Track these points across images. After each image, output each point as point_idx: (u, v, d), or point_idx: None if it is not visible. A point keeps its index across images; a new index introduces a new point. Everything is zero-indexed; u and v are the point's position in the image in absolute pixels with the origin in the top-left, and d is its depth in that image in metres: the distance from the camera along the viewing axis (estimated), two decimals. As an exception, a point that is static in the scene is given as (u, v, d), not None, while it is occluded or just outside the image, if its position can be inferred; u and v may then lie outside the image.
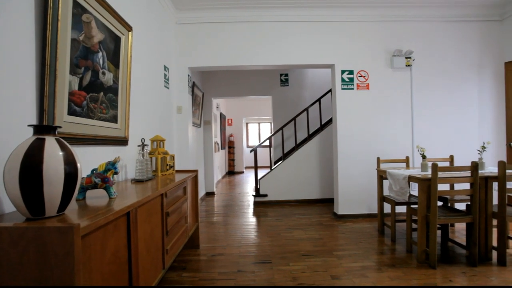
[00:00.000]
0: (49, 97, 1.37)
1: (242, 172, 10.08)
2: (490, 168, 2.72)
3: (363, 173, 3.79)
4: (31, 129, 1.02)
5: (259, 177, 5.01)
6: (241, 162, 10.25)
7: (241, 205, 4.78)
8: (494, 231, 2.46)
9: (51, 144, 0.97)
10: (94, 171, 1.40)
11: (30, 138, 0.97)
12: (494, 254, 2.42)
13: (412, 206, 2.68)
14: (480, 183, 2.35)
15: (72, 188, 1.00)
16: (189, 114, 3.93)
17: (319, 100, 5.15)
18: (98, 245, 1.04)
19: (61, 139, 1.03)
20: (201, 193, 5.30)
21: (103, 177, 1.36)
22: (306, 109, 5.07)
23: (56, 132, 1.04)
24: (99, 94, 1.83)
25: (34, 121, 1.33)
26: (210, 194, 5.78)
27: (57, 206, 0.97)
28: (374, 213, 3.75)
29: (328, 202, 4.71)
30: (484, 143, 2.89)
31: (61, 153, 0.97)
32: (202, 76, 5.82)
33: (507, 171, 2.33)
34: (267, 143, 5.84)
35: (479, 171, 2.42)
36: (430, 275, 2.18)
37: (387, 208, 3.49)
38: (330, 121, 5.06)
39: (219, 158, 7.90)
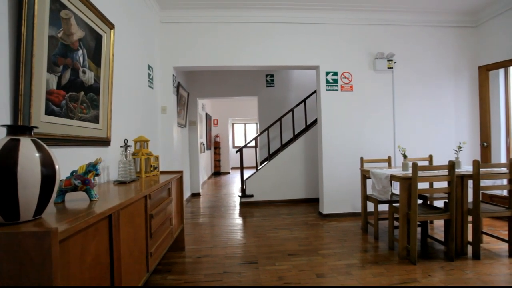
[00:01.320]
0: (25, 96, 1.31)
1: (228, 173, 10.04)
2: (465, 167, 2.84)
3: (347, 172, 3.86)
4: (4, 130, 0.97)
5: (245, 177, 5.00)
6: (227, 162, 10.21)
7: (227, 206, 4.75)
8: (470, 227, 2.57)
9: (26, 145, 0.92)
10: (74, 173, 1.35)
11: (3, 139, 0.92)
12: (470, 248, 2.53)
13: (394, 204, 2.76)
14: (456, 182, 2.45)
15: (50, 191, 0.96)
16: (174, 115, 3.87)
17: (304, 101, 5.21)
18: (77, 250, 1.01)
19: (38, 140, 0.99)
20: (187, 194, 5.23)
21: (84, 179, 1.31)
22: (292, 110, 5.12)
23: (32, 133, 0.99)
24: (79, 94, 1.77)
25: (8, 122, 1.26)
26: (195, 195, 5.72)
27: (33, 210, 0.93)
28: (358, 211, 3.83)
29: (313, 202, 4.77)
30: (460, 143, 3.02)
31: (37, 154, 0.93)
32: (188, 76, 5.75)
33: (480, 169, 2.44)
34: (253, 143, 5.84)
35: (456, 170, 2.52)
36: (410, 270, 2.25)
37: (370, 206, 3.58)
38: (315, 121, 5.13)
39: (205, 159, 7.83)
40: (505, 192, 3.52)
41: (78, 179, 1.30)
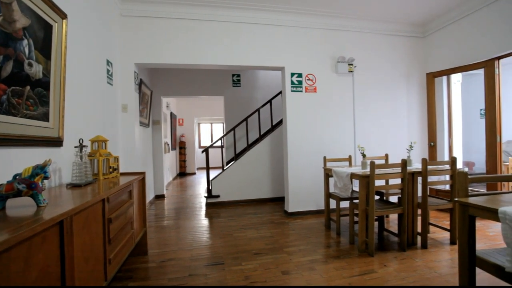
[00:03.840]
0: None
1: (194, 173, 9.82)
2: (416, 165, 3.10)
3: (311, 171, 4.00)
4: None
5: (211, 178, 4.93)
6: (193, 163, 9.98)
7: (193, 207, 4.65)
8: (419, 219, 2.82)
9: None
10: (18, 177, 1.22)
11: None
12: (419, 239, 2.77)
13: (354, 201, 2.92)
14: (408, 178, 2.67)
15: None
16: (136, 113, 3.68)
17: (270, 101, 5.28)
18: (20, 262, 0.91)
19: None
20: (150, 196, 5.01)
21: (29, 183, 1.19)
22: (258, 110, 5.16)
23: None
24: (24, 88, 1.60)
25: None
26: (160, 197, 5.50)
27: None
28: (322, 209, 3.99)
29: (279, 201, 4.86)
30: (411, 143, 3.30)
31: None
32: (151, 73, 5.50)
33: (428, 167, 2.69)
34: (219, 143, 5.78)
35: (407, 168, 2.75)
36: (368, 262, 2.40)
37: (333, 204, 3.75)
38: (280, 122, 5.24)
39: (170, 159, 7.57)
40: (447, 187, 3.91)
41: (23, 183, 1.18)
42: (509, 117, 5.58)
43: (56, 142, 1.93)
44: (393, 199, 3.68)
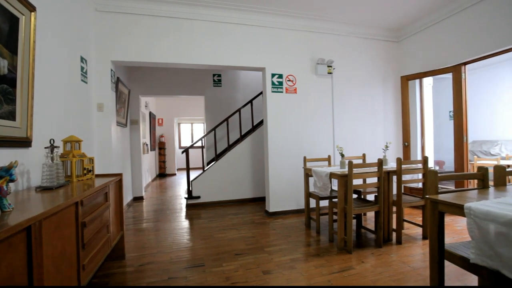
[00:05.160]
0: None
1: (174, 174, 9.63)
2: (391, 164, 3.23)
3: (292, 171, 4.05)
4: None
5: (191, 178, 4.86)
6: (173, 163, 9.78)
7: (172, 209, 4.55)
8: (394, 216, 2.94)
9: None
10: (-20, 180, 1.14)
11: None
12: (394, 235, 2.89)
13: (333, 200, 2.99)
14: (384, 177, 2.77)
15: None
16: (113, 113, 3.55)
17: (251, 101, 5.29)
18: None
19: None
20: (128, 198, 4.85)
21: (-6, 187, 1.11)
22: (239, 110, 5.16)
23: None
24: (-12, 85, 1.49)
25: None
26: (138, 198, 5.34)
27: None
28: (302, 208, 4.06)
29: (260, 201, 4.88)
30: (387, 143, 3.43)
31: None
32: (129, 71, 5.34)
33: (402, 166, 2.81)
34: (199, 144, 5.71)
35: (383, 167, 2.85)
36: (347, 259, 2.47)
37: (313, 203, 3.82)
38: (261, 122, 5.26)
39: (149, 160, 7.37)
40: (420, 185, 4.11)
41: (-14, 187, 1.10)
42: (475, 119, 5.97)
43: (24, 142, 1.82)
44: (370, 197, 3.81)
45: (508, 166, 4.38)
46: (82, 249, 1.61)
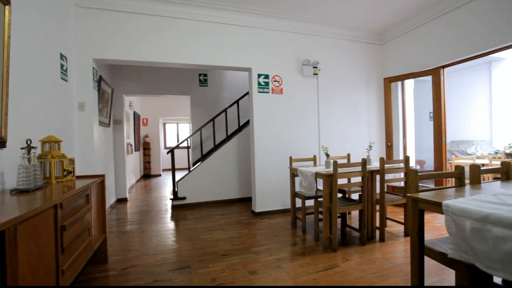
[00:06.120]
0: None
1: (160, 175, 9.46)
2: (374, 164, 3.31)
3: (278, 171, 4.07)
4: None
5: (177, 179, 4.80)
6: (158, 164, 9.61)
7: (158, 210, 4.47)
8: (377, 214, 3.01)
9: None
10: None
11: None
12: (378, 233, 2.96)
13: (319, 199, 3.03)
14: (368, 176, 2.84)
15: None
16: (95, 112, 3.45)
17: (237, 101, 5.28)
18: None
19: None
20: (111, 200, 4.72)
21: (-36, 189, 1.05)
22: (225, 110, 5.13)
23: None
24: (-42, 82, 1.41)
25: None
26: (122, 200, 5.21)
27: None
28: (288, 208, 4.09)
29: (246, 201, 4.88)
30: (370, 143, 3.51)
31: None
32: (112, 70, 5.20)
33: (385, 165, 2.89)
34: (185, 144, 5.64)
35: (367, 166, 2.92)
36: (332, 257, 2.50)
37: (299, 202, 3.86)
38: (247, 122, 5.26)
39: (133, 161, 7.21)
40: (402, 183, 4.23)
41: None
42: (453, 120, 6.22)
43: (-1, 143, 1.73)
44: (355, 196, 3.89)
45: (483, 165, 4.60)
46: (62, 253, 1.55)
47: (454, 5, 3.54)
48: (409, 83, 4.67)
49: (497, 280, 1.89)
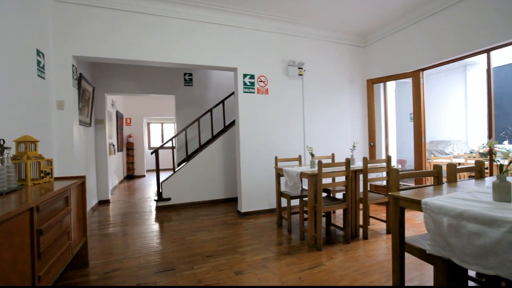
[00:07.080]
0: None
1: (144, 176, 9.27)
2: (358, 163, 3.38)
3: (264, 171, 4.08)
4: None
5: (161, 180, 4.71)
6: (142, 165, 9.41)
7: (142, 212, 4.38)
8: (361, 213, 3.08)
9: None
10: None
11: None
12: (361, 231, 3.03)
13: (304, 199, 3.06)
14: (351, 176, 2.90)
15: None
16: (75, 111, 3.33)
17: (223, 101, 5.25)
18: None
19: None
20: (92, 202, 4.58)
21: None
22: (210, 110, 5.10)
23: None
24: None
25: None
26: (104, 202, 5.06)
27: None
28: (274, 208, 4.11)
29: (232, 201, 4.86)
30: (354, 143, 3.59)
31: None
32: (93, 68, 5.04)
33: (368, 165, 2.96)
34: (170, 144, 5.55)
35: (351, 166, 2.98)
36: (317, 256, 2.54)
37: (284, 202, 3.89)
38: (233, 122, 5.24)
39: (115, 162, 7.02)
40: (384, 182, 4.35)
41: None
42: (431, 121, 6.47)
43: (-31, 143, 1.64)
44: (339, 195, 3.96)
45: (459, 164, 4.80)
46: (38, 259, 1.49)
47: (431, 11, 3.69)
48: (391, 84, 4.81)
49: (472, 273, 1.99)
